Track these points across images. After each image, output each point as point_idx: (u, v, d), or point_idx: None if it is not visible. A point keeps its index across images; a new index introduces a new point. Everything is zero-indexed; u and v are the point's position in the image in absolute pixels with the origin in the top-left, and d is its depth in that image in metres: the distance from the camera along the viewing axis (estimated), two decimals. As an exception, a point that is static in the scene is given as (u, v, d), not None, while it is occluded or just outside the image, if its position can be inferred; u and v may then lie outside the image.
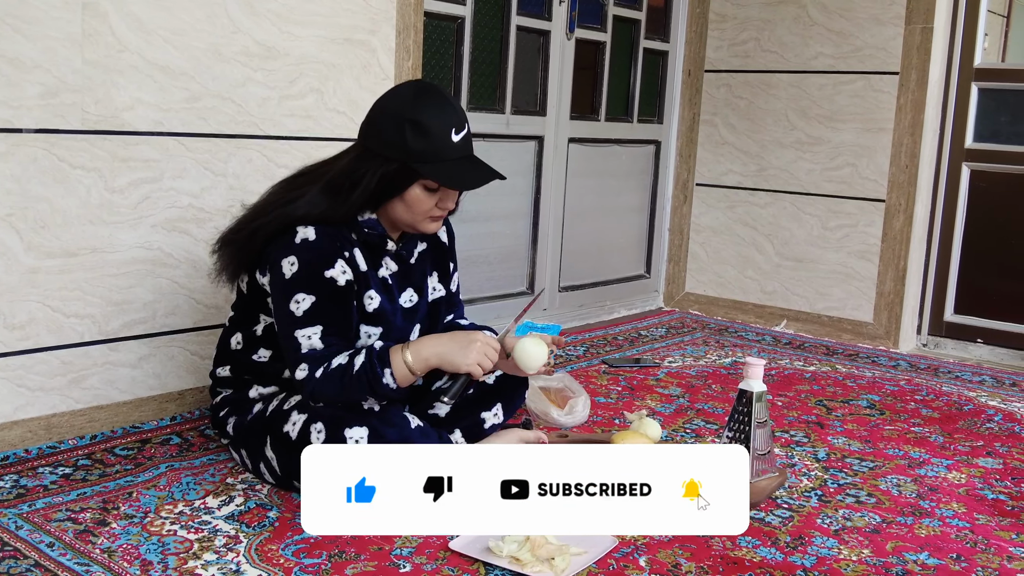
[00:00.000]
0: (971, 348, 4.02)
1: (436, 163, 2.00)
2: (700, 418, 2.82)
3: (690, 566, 1.83)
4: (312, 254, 1.99)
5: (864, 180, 4.03)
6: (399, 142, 1.98)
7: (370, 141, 2.03)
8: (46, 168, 2.25)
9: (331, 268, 2.00)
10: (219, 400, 2.21)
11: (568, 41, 3.83)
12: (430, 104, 2.01)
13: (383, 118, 2.03)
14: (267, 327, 2.13)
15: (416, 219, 2.07)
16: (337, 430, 1.95)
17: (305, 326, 1.98)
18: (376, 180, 2.00)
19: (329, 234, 2.01)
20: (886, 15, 3.92)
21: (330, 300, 1.99)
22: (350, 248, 2.04)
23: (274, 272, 2.01)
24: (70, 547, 1.80)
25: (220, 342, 2.24)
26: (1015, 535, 2.08)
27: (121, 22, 2.33)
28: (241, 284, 2.16)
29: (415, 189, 2.02)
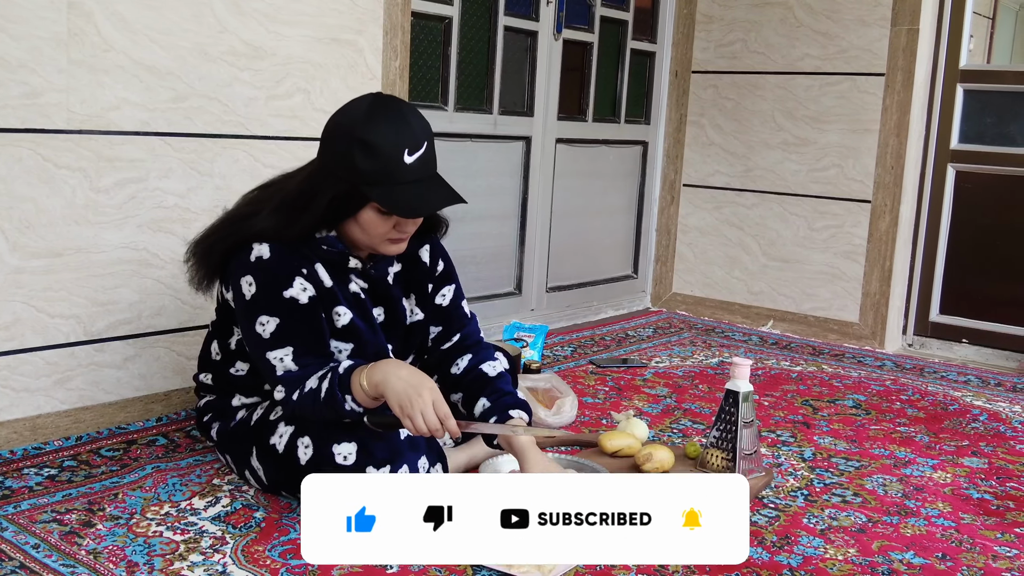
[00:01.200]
0: (956, 348, 4.04)
1: (386, 186, 1.88)
2: (687, 418, 2.83)
3: (677, 566, 1.84)
4: (268, 275, 1.92)
5: (850, 181, 4.05)
6: (348, 163, 1.88)
7: (325, 158, 1.94)
8: (31, 168, 2.24)
9: (289, 288, 1.92)
10: (203, 404, 2.19)
11: (555, 42, 3.83)
12: (382, 122, 1.89)
13: (336, 135, 1.93)
14: (239, 341, 2.07)
15: (374, 241, 1.97)
16: (325, 445, 1.90)
17: (274, 348, 1.92)
18: (326, 201, 1.91)
19: (283, 252, 1.93)
20: (872, 16, 3.93)
21: (295, 320, 1.92)
22: (309, 264, 1.96)
23: (235, 291, 1.97)
24: (55, 548, 1.79)
25: (203, 346, 2.20)
26: (1000, 534, 2.09)
27: (107, 21, 2.32)
28: (216, 291, 2.11)
29: (368, 212, 1.92)
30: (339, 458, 1.89)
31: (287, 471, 1.95)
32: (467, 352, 2.17)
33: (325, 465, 1.89)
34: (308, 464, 1.91)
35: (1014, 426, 2.91)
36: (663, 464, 2.26)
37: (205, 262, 2.03)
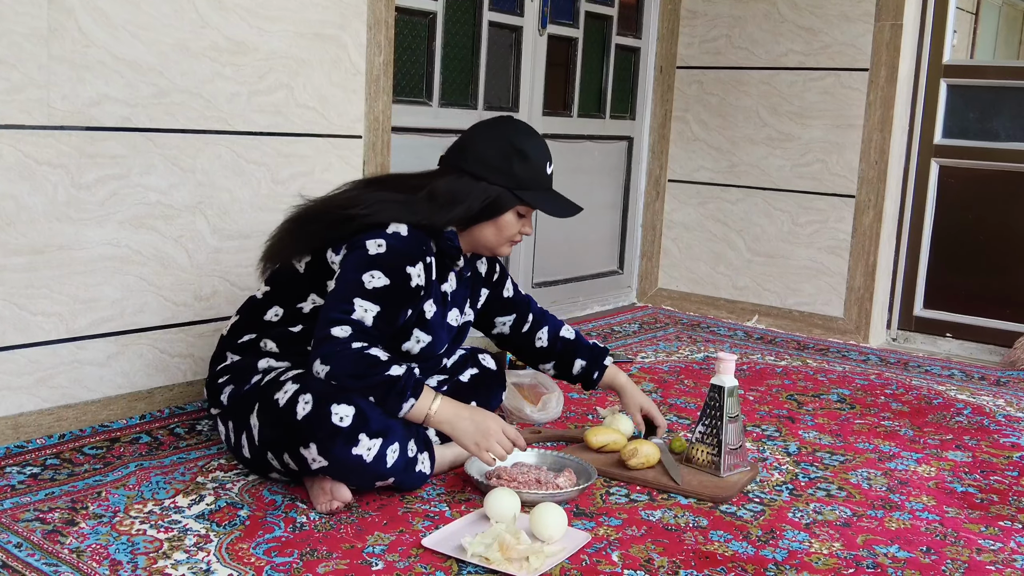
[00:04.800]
0: (940, 342, 4.06)
1: (535, 191, 2.17)
2: (672, 413, 2.83)
3: (662, 560, 1.84)
4: (401, 246, 2.07)
5: (834, 176, 4.06)
6: (505, 168, 2.13)
7: (471, 166, 2.14)
8: (11, 164, 2.22)
9: (412, 266, 2.07)
10: (222, 368, 2.19)
11: (540, 37, 3.82)
12: (532, 137, 2.19)
13: (487, 145, 2.16)
14: (316, 307, 2.14)
15: (501, 242, 2.21)
16: (324, 404, 1.92)
17: (368, 299, 2.00)
18: (480, 201, 2.13)
19: (418, 236, 2.11)
20: (855, 12, 3.94)
21: (399, 292, 2.05)
22: (430, 255, 2.14)
23: (356, 249, 2.06)
24: (38, 547, 1.77)
25: (248, 311, 2.21)
26: (984, 528, 2.10)
27: (87, 17, 2.30)
28: (297, 264, 2.16)
29: (509, 215, 2.17)
30: (335, 418, 1.91)
31: (282, 425, 1.96)
32: (543, 326, 2.53)
33: (321, 422, 1.91)
34: (304, 419, 1.92)
35: (998, 420, 2.92)
36: (648, 459, 2.26)
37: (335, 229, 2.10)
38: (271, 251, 2.19)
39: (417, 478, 2.08)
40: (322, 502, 1.99)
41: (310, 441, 1.92)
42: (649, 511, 2.08)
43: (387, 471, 1.97)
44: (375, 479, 1.99)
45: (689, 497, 2.16)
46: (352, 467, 1.93)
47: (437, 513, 2.01)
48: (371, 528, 1.92)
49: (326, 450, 1.91)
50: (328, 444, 1.91)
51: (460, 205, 2.12)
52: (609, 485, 2.22)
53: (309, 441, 1.92)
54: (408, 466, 2.02)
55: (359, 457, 1.92)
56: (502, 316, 2.49)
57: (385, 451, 1.95)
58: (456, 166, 2.16)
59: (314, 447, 1.92)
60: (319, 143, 2.88)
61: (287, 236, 2.16)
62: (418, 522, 1.96)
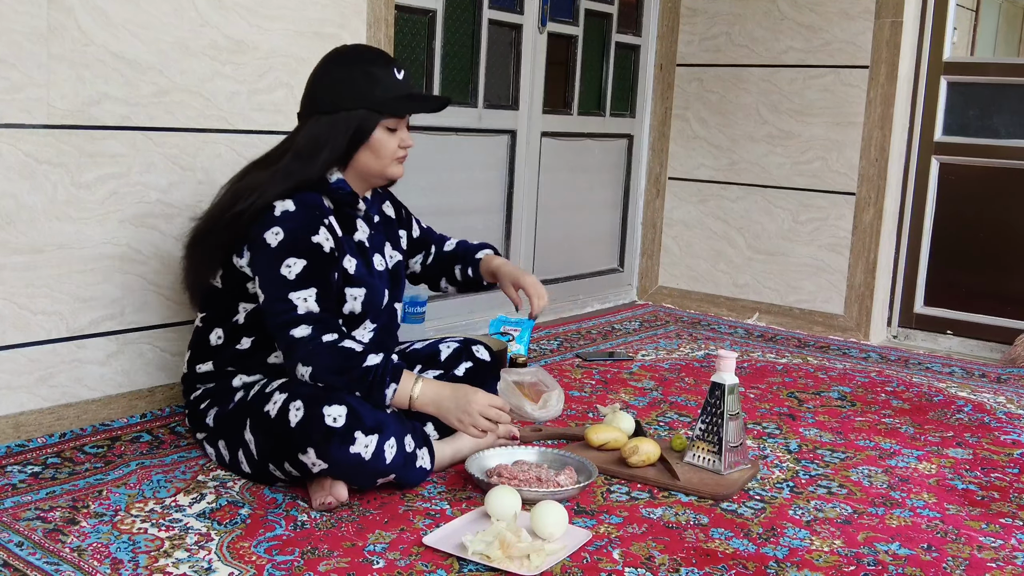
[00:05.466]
0: (941, 340, 4.06)
1: (393, 100, 2.12)
2: (673, 411, 2.83)
3: (663, 558, 1.84)
4: (296, 223, 2.04)
5: (834, 174, 4.06)
6: (353, 93, 2.09)
7: (322, 105, 2.11)
8: (12, 164, 2.22)
9: (316, 234, 2.05)
10: (199, 394, 2.20)
11: (540, 35, 3.82)
12: (367, 52, 2.18)
13: (329, 80, 2.13)
14: (249, 314, 2.15)
15: (384, 164, 2.16)
16: (315, 407, 1.93)
17: (299, 288, 2.01)
18: (343, 135, 2.10)
19: (308, 204, 2.08)
20: (855, 9, 3.94)
21: (319, 264, 2.04)
22: (327, 215, 2.11)
23: (258, 247, 2.05)
24: (39, 546, 1.77)
25: (196, 341, 2.22)
26: (985, 525, 2.10)
27: (87, 16, 2.30)
28: (214, 281, 2.16)
29: (378, 133, 2.12)
30: (328, 419, 1.92)
31: (277, 436, 1.97)
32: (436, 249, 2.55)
33: (314, 426, 1.92)
34: (298, 426, 1.93)
35: (998, 417, 2.92)
36: (649, 457, 2.26)
37: (229, 232, 2.10)
38: (187, 280, 2.21)
39: (418, 474, 2.08)
40: (318, 497, 1.99)
41: (307, 446, 1.92)
42: (650, 509, 2.08)
43: (387, 467, 1.97)
44: (376, 476, 1.99)
45: (690, 495, 2.16)
46: (352, 466, 1.94)
47: (438, 511, 2.01)
48: (372, 526, 1.92)
49: (324, 453, 1.92)
50: (325, 446, 1.91)
51: (326, 147, 2.10)
52: (610, 483, 2.22)
53: (306, 446, 1.92)
54: (408, 462, 2.03)
55: (357, 455, 1.92)
56: (415, 256, 2.53)
57: (382, 447, 1.95)
58: (309, 114, 2.14)
59: (312, 452, 1.92)
60: (319, 141, 2.88)
61: (191, 261, 2.18)
62: (419, 520, 1.96)
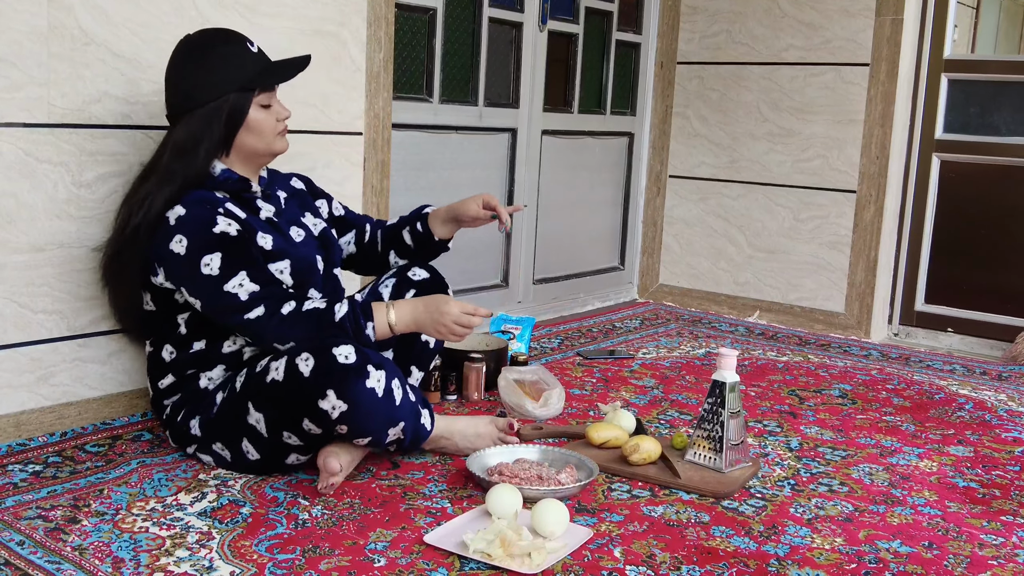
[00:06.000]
0: (942, 337, 4.05)
1: (257, 73, 2.14)
2: (674, 409, 2.83)
3: (664, 556, 1.84)
4: (192, 224, 2.05)
5: (835, 171, 4.06)
6: (215, 79, 2.10)
7: (187, 102, 2.11)
8: (12, 162, 2.22)
9: (216, 225, 2.06)
10: (170, 411, 2.21)
11: (540, 33, 3.82)
12: (216, 36, 2.17)
13: (187, 73, 2.12)
14: (187, 321, 2.17)
15: (268, 141, 2.18)
16: (325, 352, 1.96)
17: (228, 278, 2.04)
18: (219, 123, 2.11)
19: (197, 201, 2.09)
20: (856, 7, 3.94)
21: (234, 249, 2.06)
22: (222, 204, 2.11)
23: (168, 260, 2.07)
24: (41, 545, 1.78)
25: (151, 365, 2.25)
26: (986, 523, 2.10)
27: (87, 15, 2.30)
28: (146, 306, 2.20)
29: (254, 112, 2.14)
30: (341, 358, 1.95)
31: (291, 394, 1.98)
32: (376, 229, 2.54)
33: (330, 366, 1.95)
34: (312, 373, 1.96)
35: (999, 414, 2.92)
36: (650, 455, 2.26)
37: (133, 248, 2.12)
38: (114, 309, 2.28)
39: (422, 431, 2.14)
40: (323, 477, 2.03)
41: (327, 388, 1.95)
42: (651, 507, 2.08)
43: (397, 411, 2.02)
44: (388, 423, 2.03)
45: (691, 493, 2.16)
46: (369, 403, 1.97)
47: (439, 509, 2.01)
48: (373, 524, 1.92)
49: (343, 391, 1.94)
50: (343, 384, 1.95)
51: (204, 139, 2.10)
52: (611, 481, 2.22)
53: (326, 389, 1.95)
54: (414, 413, 2.09)
55: (372, 391, 1.96)
56: (343, 236, 2.51)
57: (390, 385, 2.00)
58: (178, 112, 2.14)
59: (332, 393, 1.95)
60: (320, 140, 2.88)
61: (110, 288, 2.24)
62: (420, 518, 1.96)
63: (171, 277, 2.09)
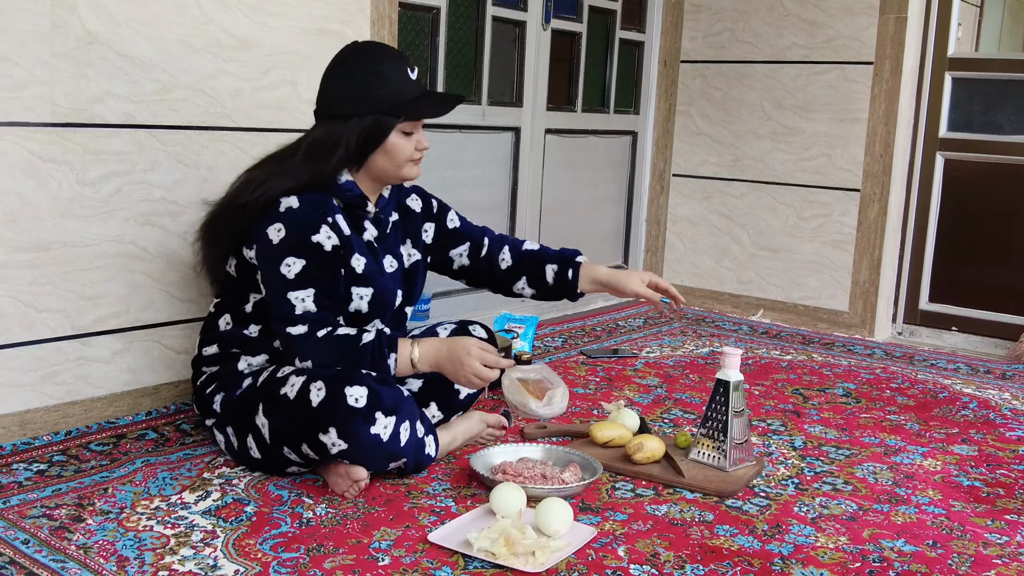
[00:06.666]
0: (946, 336, 4.05)
1: (406, 103, 2.11)
2: (678, 408, 2.83)
3: (668, 555, 1.84)
4: (297, 221, 2.05)
5: (839, 170, 4.05)
6: (367, 95, 2.09)
7: (336, 107, 2.11)
8: (16, 162, 2.22)
9: (317, 233, 2.05)
10: (205, 378, 2.21)
11: (544, 32, 3.82)
12: (380, 53, 2.15)
13: (342, 81, 2.12)
14: (256, 303, 2.17)
15: (400, 166, 2.15)
16: (338, 388, 1.96)
17: (297, 288, 2.03)
18: (356, 138, 2.09)
19: (312, 202, 2.08)
20: (859, 5, 3.93)
21: (319, 264, 2.05)
22: (333, 214, 2.10)
23: (261, 241, 2.07)
24: (45, 544, 1.78)
25: (206, 326, 2.25)
26: (990, 521, 2.10)
27: (90, 14, 2.30)
28: (230, 268, 2.19)
29: (393, 137, 2.11)
30: (351, 400, 1.95)
31: (296, 417, 1.98)
32: (503, 246, 2.48)
33: (337, 406, 1.94)
34: (320, 405, 1.96)
35: (1003, 413, 2.92)
36: (653, 454, 2.26)
37: (234, 223, 2.12)
38: (204, 267, 2.23)
39: (424, 460, 2.12)
40: (343, 487, 2.02)
41: (329, 426, 1.94)
42: (655, 506, 2.08)
43: (400, 450, 2.01)
44: (389, 459, 2.02)
45: (695, 491, 2.16)
46: (370, 446, 1.97)
47: (443, 508, 2.01)
48: (377, 523, 1.92)
49: (346, 432, 1.94)
50: (347, 426, 1.94)
51: (338, 150, 2.09)
52: (614, 480, 2.22)
53: (328, 426, 1.94)
54: (418, 447, 2.07)
55: (377, 436, 1.96)
56: (456, 248, 2.45)
57: (399, 429, 1.99)
58: (324, 115, 2.14)
59: (334, 431, 1.94)
60: (323, 139, 2.87)
61: (203, 245, 2.20)
62: (424, 517, 1.96)
63: (258, 258, 2.09)
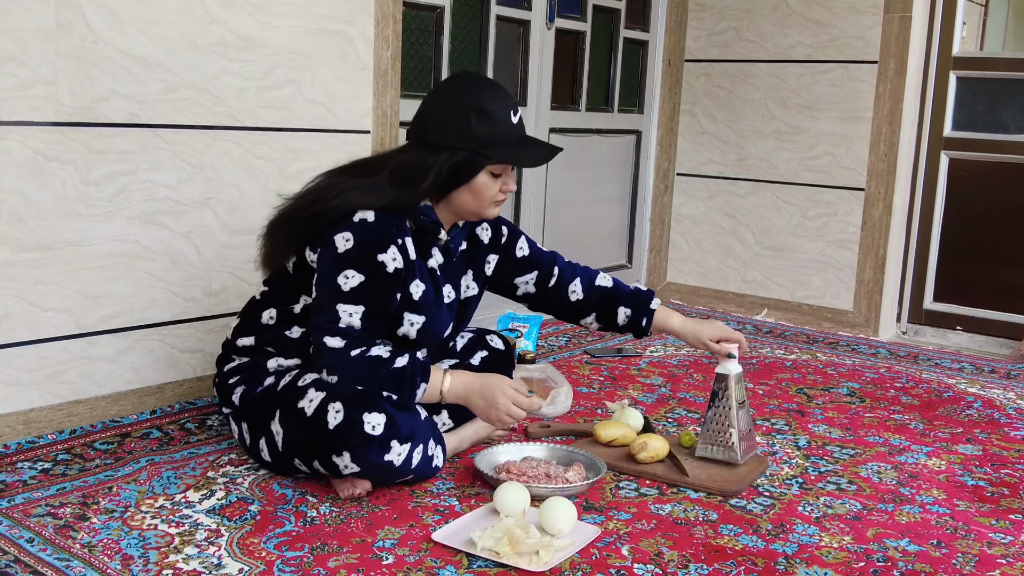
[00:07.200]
0: (950, 335, 4.04)
1: (503, 146, 2.07)
2: (682, 407, 2.83)
3: (672, 554, 1.84)
4: (368, 236, 2.02)
5: (843, 169, 4.05)
6: (465, 130, 2.03)
7: (432, 134, 2.06)
8: (20, 161, 2.22)
9: (383, 252, 2.03)
10: (231, 368, 2.20)
11: (548, 31, 3.82)
12: (488, 90, 2.09)
13: (443, 110, 2.06)
14: (306, 306, 2.14)
15: (482, 206, 2.12)
16: (355, 412, 1.95)
17: (349, 302, 2.01)
18: (446, 170, 2.05)
19: (387, 220, 2.05)
20: (864, 4, 3.92)
21: (377, 283, 2.03)
22: (404, 236, 2.07)
23: (326, 247, 2.04)
24: (50, 542, 1.78)
25: (247, 313, 2.22)
26: (994, 521, 2.09)
27: (95, 13, 2.31)
28: (288, 263, 2.17)
29: (482, 176, 2.07)
30: (368, 427, 1.94)
31: (311, 435, 1.98)
32: (574, 278, 2.42)
33: (353, 432, 1.93)
34: (336, 429, 1.95)
35: (1008, 413, 2.91)
36: (657, 453, 2.26)
37: (306, 228, 2.08)
38: (264, 258, 2.19)
39: (432, 471, 2.11)
40: (343, 488, 2.02)
41: (343, 450, 1.94)
42: (659, 505, 2.08)
43: (410, 471, 2.01)
44: (398, 477, 2.03)
45: (699, 491, 2.16)
46: (382, 470, 1.97)
47: (447, 507, 2.01)
48: (381, 522, 1.92)
49: (359, 458, 1.94)
50: (362, 453, 1.94)
51: (426, 178, 2.04)
52: (618, 479, 2.22)
53: (342, 450, 1.94)
54: (427, 463, 2.06)
55: (390, 463, 1.96)
56: (523, 275, 2.39)
57: (412, 454, 1.99)
58: (418, 137, 2.09)
59: (347, 455, 1.94)
60: (327, 138, 2.88)
61: (270, 241, 2.16)
62: (428, 516, 1.96)
63: (319, 262, 2.06)
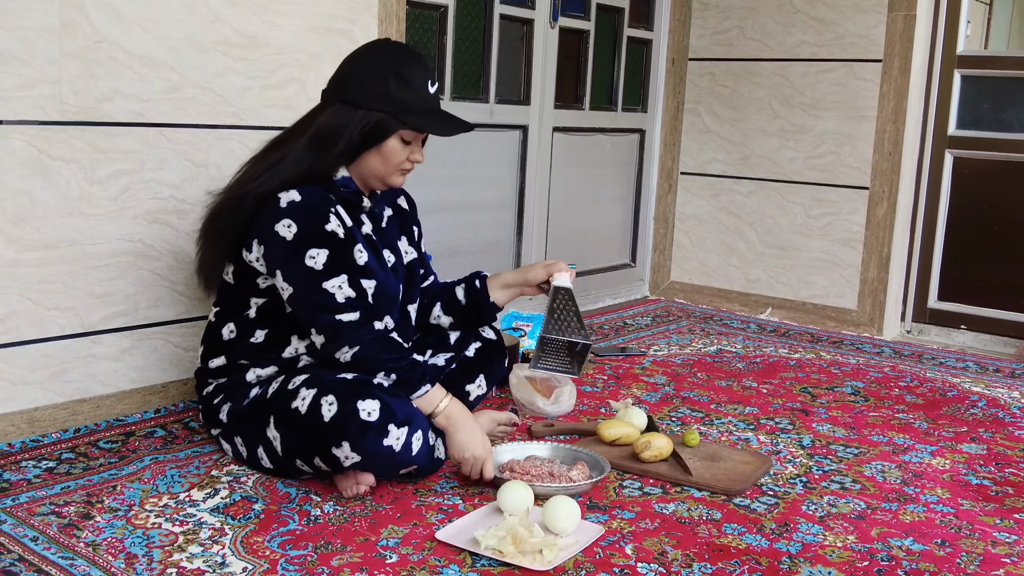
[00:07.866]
0: (955, 334, 4.04)
1: (416, 113, 2.09)
2: (686, 406, 2.82)
3: (676, 553, 1.84)
4: (305, 212, 2.03)
5: (847, 168, 4.04)
6: (383, 93, 2.06)
7: (349, 95, 2.08)
8: (25, 160, 2.23)
9: (327, 222, 2.04)
10: (212, 389, 2.20)
11: (551, 30, 3.82)
12: (409, 57, 2.12)
13: (363, 71, 2.09)
14: (260, 307, 2.15)
15: (388, 172, 2.14)
16: (349, 403, 1.95)
17: (330, 277, 2.02)
18: (359, 131, 2.07)
19: (312, 192, 2.06)
20: (868, 3, 3.92)
21: (340, 250, 2.05)
22: (333, 204, 2.09)
23: (271, 241, 2.04)
24: (54, 541, 1.78)
25: (208, 335, 2.22)
26: (999, 520, 2.09)
27: (99, 12, 2.31)
28: (226, 276, 2.17)
29: (392, 140, 2.10)
30: (363, 414, 1.94)
31: (308, 432, 1.98)
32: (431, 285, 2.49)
33: (350, 420, 1.93)
34: (332, 420, 1.95)
35: (1012, 412, 2.91)
36: (661, 452, 2.26)
37: (237, 215, 2.09)
38: (200, 263, 2.19)
39: (436, 464, 2.12)
40: (347, 487, 2.02)
41: (342, 440, 1.94)
42: (662, 504, 2.07)
43: (412, 459, 2.00)
44: (401, 467, 2.02)
45: (702, 490, 2.16)
46: (384, 457, 1.96)
47: (451, 506, 2.01)
48: (385, 521, 1.92)
49: (359, 446, 1.94)
50: (360, 440, 1.93)
51: (341, 139, 2.06)
52: (622, 478, 2.22)
53: (341, 440, 1.94)
54: (430, 453, 2.06)
55: (389, 448, 1.95)
56: None
57: (411, 439, 1.98)
58: (335, 97, 2.10)
59: (347, 445, 1.94)
60: (331, 137, 2.88)
61: (204, 241, 2.17)
62: (432, 515, 1.96)
63: (269, 259, 2.06)
